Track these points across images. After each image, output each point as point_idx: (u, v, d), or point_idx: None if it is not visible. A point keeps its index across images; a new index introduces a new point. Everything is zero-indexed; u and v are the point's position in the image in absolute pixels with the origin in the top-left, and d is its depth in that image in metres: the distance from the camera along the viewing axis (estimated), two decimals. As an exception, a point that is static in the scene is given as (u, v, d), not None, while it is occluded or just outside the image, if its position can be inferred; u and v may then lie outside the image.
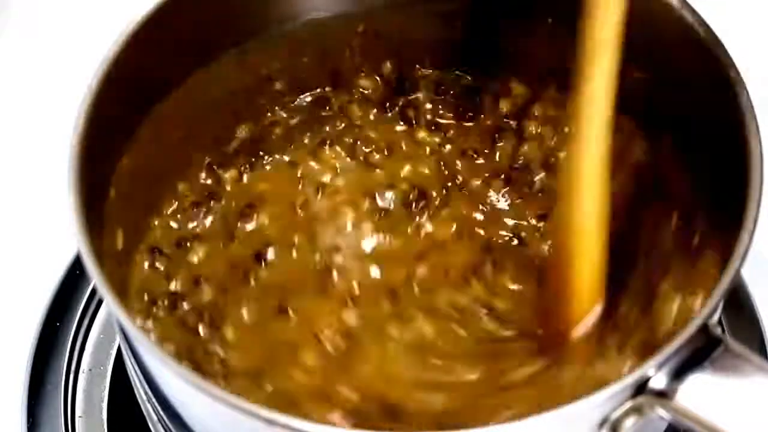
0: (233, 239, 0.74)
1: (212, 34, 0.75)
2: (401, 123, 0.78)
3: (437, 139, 0.77)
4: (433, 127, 0.77)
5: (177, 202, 0.75)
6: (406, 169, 0.76)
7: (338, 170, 0.76)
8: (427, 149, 0.76)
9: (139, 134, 0.72)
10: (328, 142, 0.76)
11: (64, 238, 0.67)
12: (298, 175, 0.76)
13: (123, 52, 0.67)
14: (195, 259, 0.73)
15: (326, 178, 0.75)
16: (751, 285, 0.84)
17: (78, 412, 0.81)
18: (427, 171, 0.76)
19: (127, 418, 0.79)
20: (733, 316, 0.82)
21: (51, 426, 0.80)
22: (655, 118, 0.76)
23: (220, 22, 0.75)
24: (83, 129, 0.64)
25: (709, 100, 0.67)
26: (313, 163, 0.77)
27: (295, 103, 0.78)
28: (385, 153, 0.76)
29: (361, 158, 0.76)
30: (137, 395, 0.73)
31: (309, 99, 0.78)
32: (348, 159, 0.76)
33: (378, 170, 0.75)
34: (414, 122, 0.77)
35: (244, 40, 0.77)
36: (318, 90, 0.78)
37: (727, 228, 0.64)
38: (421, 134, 0.77)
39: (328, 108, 0.78)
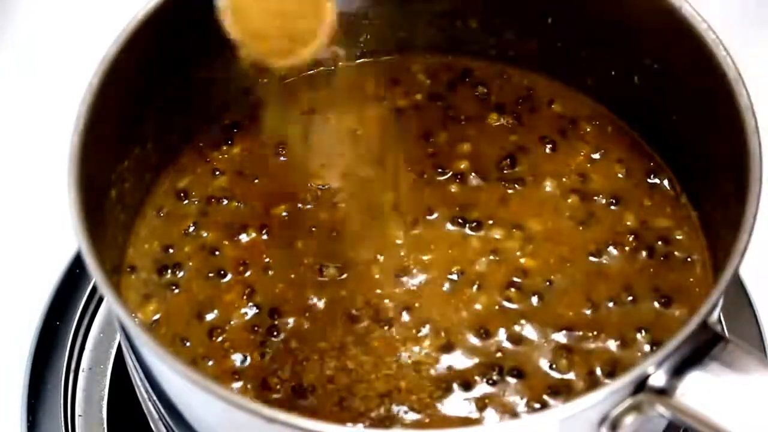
0: (236, 238, 0.74)
1: (212, 33, 0.75)
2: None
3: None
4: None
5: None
6: None
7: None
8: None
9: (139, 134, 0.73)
10: None
11: (64, 238, 0.68)
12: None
13: (123, 52, 0.67)
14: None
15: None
16: (751, 285, 0.85)
17: (78, 411, 0.81)
18: None
19: (126, 417, 0.79)
20: (733, 316, 0.82)
21: (51, 425, 0.80)
22: (654, 118, 0.76)
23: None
24: (83, 128, 0.64)
25: (709, 99, 0.67)
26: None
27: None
28: None
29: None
30: (138, 394, 0.73)
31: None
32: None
33: None
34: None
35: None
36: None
37: (726, 226, 0.64)
38: None
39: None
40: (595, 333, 0.68)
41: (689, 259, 0.72)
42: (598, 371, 0.67)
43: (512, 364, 0.67)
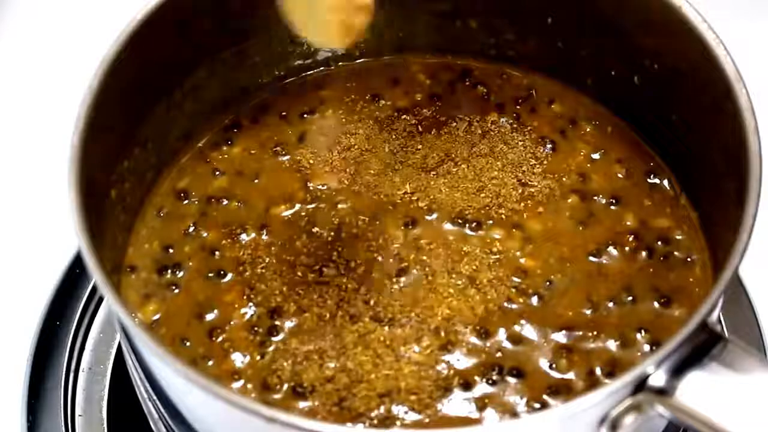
0: (236, 238, 0.74)
1: (212, 33, 0.75)
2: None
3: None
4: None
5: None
6: None
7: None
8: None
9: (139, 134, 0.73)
10: None
11: (64, 238, 0.68)
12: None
13: (123, 52, 0.68)
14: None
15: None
16: (751, 285, 0.85)
17: (78, 410, 0.81)
18: None
19: (126, 417, 0.80)
20: (733, 316, 0.82)
21: (51, 425, 0.80)
22: (654, 118, 0.76)
23: (220, 22, 0.75)
24: (83, 129, 0.64)
25: (709, 99, 0.67)
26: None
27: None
28: None
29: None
30: (138, 394, 0.73)
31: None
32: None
33: None
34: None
35: (243, 39, 0.78)
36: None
37: (726, 226, 0.64)
38: None
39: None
40: (595, 333, 0.68)
41: (689, 259, 0.72)
42: (598, 371, 0.67)
43: (512, 364, 0.67)
